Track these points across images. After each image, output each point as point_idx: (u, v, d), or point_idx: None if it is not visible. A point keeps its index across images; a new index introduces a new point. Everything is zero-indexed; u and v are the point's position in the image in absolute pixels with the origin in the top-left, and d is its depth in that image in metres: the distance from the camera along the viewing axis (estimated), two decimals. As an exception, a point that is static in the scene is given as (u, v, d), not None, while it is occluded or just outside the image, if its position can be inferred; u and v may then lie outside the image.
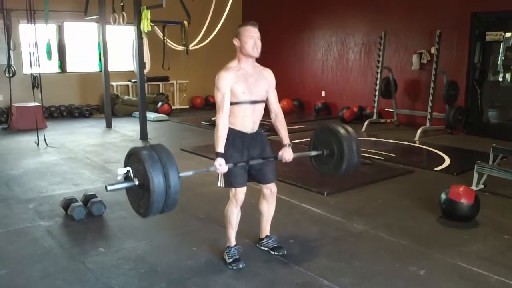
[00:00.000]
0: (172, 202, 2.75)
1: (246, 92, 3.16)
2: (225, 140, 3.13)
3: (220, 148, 3.10)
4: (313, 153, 3.58)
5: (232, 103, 3.15)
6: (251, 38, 3.14)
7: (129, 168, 2.82)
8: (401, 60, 9.54)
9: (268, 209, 3.51)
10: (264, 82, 3.31)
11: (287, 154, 3.34)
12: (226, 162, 3.09)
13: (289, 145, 3.36)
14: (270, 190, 3.45)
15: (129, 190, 2.91)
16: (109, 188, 2.79)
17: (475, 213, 4.17)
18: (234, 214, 3.32)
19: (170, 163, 2.76)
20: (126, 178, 2.85)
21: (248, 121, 3.22)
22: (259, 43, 3.17)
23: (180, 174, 2.81)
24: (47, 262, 3.42)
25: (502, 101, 8.52)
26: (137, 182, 2.80)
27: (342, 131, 3.45)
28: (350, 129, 3.53)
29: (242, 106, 3.17)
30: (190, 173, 3.05)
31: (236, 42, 3.19)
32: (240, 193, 3.27)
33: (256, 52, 3.18)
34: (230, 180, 3.22)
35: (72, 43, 10.93)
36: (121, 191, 2.90)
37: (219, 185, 3.27)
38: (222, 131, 3.11)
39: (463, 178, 5.50)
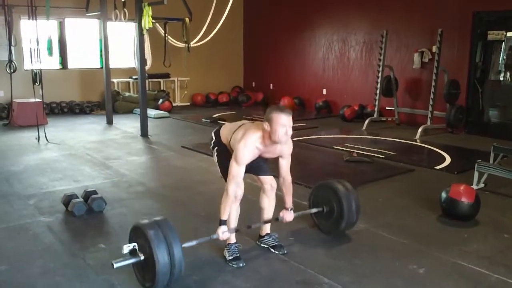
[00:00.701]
0: (177, 275, 2.85)
1: (256, 158, 3.18)
2: (231, 209, 3.16)
3: (225, 216, 3.12)
4: (313, 210, 3.80)
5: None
6: (283, 127, 3.01)
7: (135, 244, 2.91)
8: (402, 59, 9.53)
9: (269, 204, 3.52)
10: (279, 152, 3.27)
11: (287, 216, 3.46)
12: None
13: (291, 209, 3.46)
14: (270, 185, 3.46)
15: (135, 265, 3.00)
16: (115, 265, 2.87)
17: (475, 212, 4.17)
18: (232, 209, 3.29)
19: (174, 238, 2.84)
20: (132, 252, 2.93)
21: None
22: (290, 132, 3.06)
23: (184, 245, 2.92)
24: (47, 258, 3.42)
25: (503, 100, 8.51)
26: (142, 257, 2.88)
27: (341, 188, 3.66)
28: (349, 186, 3.74)
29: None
30: (193, 243, 3.12)
31: (266, 125, 3.04)
32: (237, 189, 3.26)
33: (285, 141, 3.12)
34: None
35: (73, 40, 10.92)
36: (123, 184, 2.90)
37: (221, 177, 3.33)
38: (231, 201, 3.12)
39: (463, 177, 5.49)
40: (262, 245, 3.60)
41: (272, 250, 3.53)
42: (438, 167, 6.04)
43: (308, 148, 7.17)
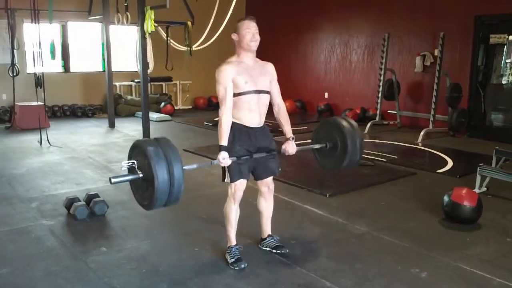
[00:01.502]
0: (176, 196, 2.76)
1: (249, 82, 3.16)
2: (228, 133, 3.13)
3: (224, 141, 3.10)
4: (316, 146, 3.61)
5: (235, 95, 3.15)
6: (249, 32, 3.16)
7: (134, 161, 2.83)
8: (404, 62, 9.53)
9: (266, 207, 3.52)
10: (267, 75, 3.32)
11: (290, 148, 3.36)
12: (231, 156, 3.09)
13: (292, 138, 3.38)
14: (268, 187, 3.45)
15: (133, 183, 2.92)
16: (113, 180, 2.81)
17: (477, 215, 4.16)
18: (232, 211, 3.32)
19: (175, 157, 2.76)
20: (130, 170, 2.85)
21: (254, 113, 3.21)
22: (257, 37, 3.19)
23: (184, 168, 2.82)
24: (49, 261, 3.42)
25: (505, 104, 8.50)
26: (141, 175, 2.80)
27: (345, 124, 3.48)
28: (353, 122, 3.57)
29: (247, 97, 3.16)
30: (194, 166, 3.07)
31: (234, 36, 3.22)
32: (239, 190, 3.27)
33: (255, 45, 3.20)
34: (233, 173, 3.21)
35: (76, 43, 10.95)
36: (125, 187, 2.90)
37: (226, 180, 3.27)
38: (226, 124, 3.12)
39: (465, 180, 5.48)
40: (264, 247, 3.59)
41: (274, 251, 3.52)
42: (440, 171, 6.03)
43: (310, 151, 7.16)
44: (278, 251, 3.51)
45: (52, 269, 3.30)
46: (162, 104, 11.00)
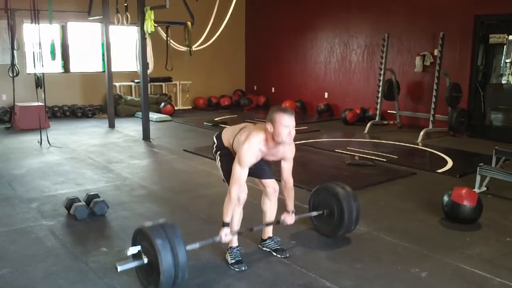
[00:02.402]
0: (180, 279, 2.84)
1: (258, 160, 3.18)
2: (233, 211, 3.17)
3: (228, 218, 3.13)
4: (314, 213, 3.82)
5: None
6: (287, 128, 3.02)
7: (139, 248, 2.90)
8: (404, 62, 9.54)
9: (270, 207, 3.52)
10: (282, 155, 3.27)
11: (289, 219, 3.46)
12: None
13: (293, 211, 3.46)
14: (273, 188, 3.47)
15: (138, 268, 2.99)
16: (119, 268, 2.85)
17: (477, 215, 4.16)
18: (235, 212, 3.30)
19: (178, 240, 2.84)
20: (135, 256, 2.93)
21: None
22: (293, 133, 3.07)
23: (187, 248, 2.90)
24: (50, 261, 3.43)
25: (505, 103, 8.51)
26: (146, 261, 2.87)
27: (340, 190, 3.68)
28: (347, 188, 3.75)
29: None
30: (196, 245, 3.13)
31: (269, 126, 3.05)
32: (243, 192, 3.27)
33: (289, 141, 3.12)
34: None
35: (76, 43, 10.96)
36: (125, 187, 2.90)
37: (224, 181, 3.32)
38: (234, 203, 3.13)
39: (465, 180, 5.49)
40: (264, 248, 3.60)
41: (274, 254, 3.53)
42: (440, 171, 6.03)
43: (310, 151, 7.17)
44: (278, 255, 3.51)
45: (52, 269, 3.30)
46: (162, 104, 11.00)
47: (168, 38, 10.46)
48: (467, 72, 8.56)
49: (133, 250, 2.90)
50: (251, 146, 3.07)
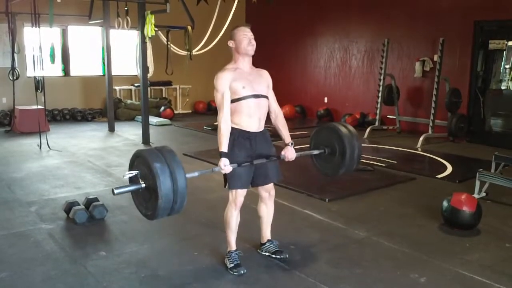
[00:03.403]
0: (179, 204, 2.74)
1: (246, 86, 3.19)
2: (228, 139, 3.13)
3: (224, 147, 3.10)
4: (315, 152, 3.62)
5: (234, 100, 3.16)
6: (245, 37, 3.27)
7: (137, 171, 2.81)
8: (403, 68, 9.56)
9: (267, 212, 3.52)
10: (263, 80, 3.36)
11: (289, 153, 3.35)
12: (231, 163, 3.09)
13: (291, 144, 3.38)
14: (269, 193, 3.45)
15: (135, 193, 2.89)
16: (116, 191, 2.77)
17: (477, 221, 4.16)
18: (233, 217, 3.32)
19: (177, 166, 2.74)
20: (132, 180, 2.83)
21: (253, 118, 3.21)
22: (254, 42, 3.30)
23: (186, 175, 2.79)
24: (49, 265, 3.42)
25: (505, 109, 8.52)
26: (143, 185, 2.78)
27: (343, 129, 3.50)
28: (352, 129, 3.58)
29: (245, 101, 3.17)
30: (195, 174, 3.04)
31: (231, 43, 3.30)
32: (240, 195, 3.27)
33: (252, 50, 3.30)
34: (234, 181, 3.21)
35: (76, 47, 10.97)
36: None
37: (226, 187, 3.27)
38: (225, 130, 3.12)
39: (465, 186, 5.49)
40: (263, 252, 3.59)
41: (273, 256, 3.52)
42: (439, 176, 6.03)
43: (309, 156, 7.16)
44: (277, 256, 3.51)
45: (51, 273, 3.29)
46: (162, 108, 11.01)
47: (169, 42, 10.47)
48: (467, 78, 8.57)
49: (131, 174, 2.81)
50: (223, 69, 3.27)
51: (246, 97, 3.17)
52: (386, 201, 5.04)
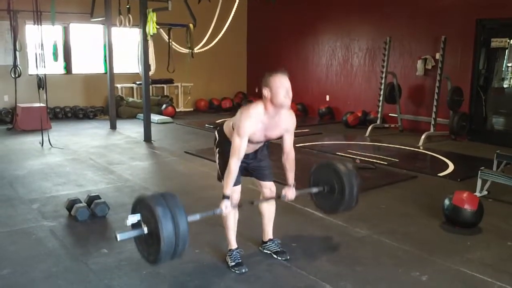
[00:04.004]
0: (181, 248, 2.78)
1: (260, 136, 3.15)
2: (233, 183, 3.12)
3: (228, 190, 3.08)
4: (314, 189, 3.68)
5: None
6: (284, 88, 3.01)
7: (139, 216, 2.84)
8: (405, 66, 9.54)
9: (268, 209, 3.52)
10: (283, 127, 3.24)
11: (290, 193, 3.37)
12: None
13: (293, 185, 3.40)
14: (270, 189, 3.46)
15: (137, 238, 2.92)
16: (119, 237, 2.78)
17: (478, 219, 4.16)
18: (230, 214, 3.31)
19: (179, 211, 2.78)
20: (135, 225, 2.87)
21: (251, 150, 3.27)
22: (291, 93, 3.04)
23: (188, 218, 2.84)
24: (50, 262, 3.43)
25: (507, 107, 8.50)
26: (146, 230, 2.81)
27: (341, 167, 3.57)
28: (349, 165, 3.65)
29: (249, 143, 3.14)
30: (197, 217, 3.06)
31: (265, 91, 3.05)
32: (234, 192, 3.25)
33: (288, 103, 3.07)
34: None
35: (78, 45, 10.98)
36: (126, 189, 2.90)
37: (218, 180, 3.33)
38: (234, 175, 3.08)
39: (466, 184, 5.48)
40: (265, 251, 3.59)
41: (275, 256, 3.52)
42: (441, 174, 6.03)
43: (311, 154, 7.17)
44: (278, 257, 3.51)
45: (52, 270, 3.30)
46: (164, 106, 11.02)
47: (170, 40, 10.47)
48: (469, 76, 8.55)
49: (133, 219, 2.83)
50: (251, 114, 3.07)
51: (253, 141, 3.17)
52: (387, 199, 5.04)
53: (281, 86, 3.00)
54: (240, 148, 3.04)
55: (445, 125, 8.46)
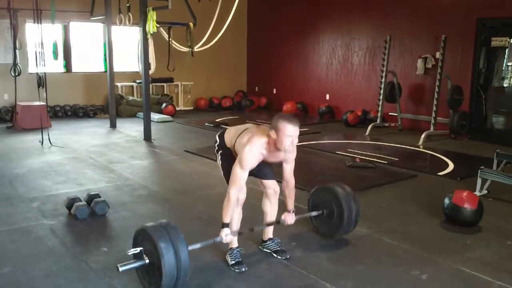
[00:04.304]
0: (182, 280, 2.83)
1: (259, 162, 3.18)
2: (233, 212, 3.16)
3: (227, 218, 3.11)
4: (314, 213, 3.80)
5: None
6: (290, 138, 3.02)
7: (141, 248, 2.89)
8: (405, 65, 9.54)
9: (271, 209, 3.53)
10: (283, 157, 3.27)
11: (289, 218, 3.45)
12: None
13: (293, 211, 3.45)
14: (274, 189, 3.47)
15: (139, 267, 2.97)
16: (121, 268, 2.84)
17: (478, 218, 4.16)
18: (235, 214, 3.31)
19: (181, 244, 2.83)
20: (136, 256, 2.91)
21: None
22: (296, 141, 3.07)
23: (189, 248, 2.90)
24: (50, 261, 3.43)
25: (507, 107, 8.51)
26: (147, 261, 2.87)
27: (340, 190, 3.67)
28: (348, 188, 3.73)
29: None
30: (197, 246, 3.11)
31: (272, 134, 3.05)
32: (240, 193, 3.26)
33: (291, 150, 3.15)
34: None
35: (78, 43, 10.97)
36: (125, 187, 2.90)
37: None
38: (233, 204, 3.12)
39: (466, 183, 5.48)
40: (265, 250, 3.60)
41: (275, 255, 3.52)
42: (441, 173, 6.03)
43: (311, 153, 7.18)
44: (278, 256, 3.51)
45: (52, 269, 3.30)
46: (164, 105, 11.02)
47: (170, 39, 10.46)
48: (469, 75, 8.55)
49: (135, 251, 2.90)
50: (253, 149, 3.08)
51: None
52: (387, 198, 5.04)
53: (288, 135, 3.01)
54: (241, 180, 3.09)
55: (445, 124, 8.46)
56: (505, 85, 8.55)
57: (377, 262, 3.50)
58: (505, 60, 8.35)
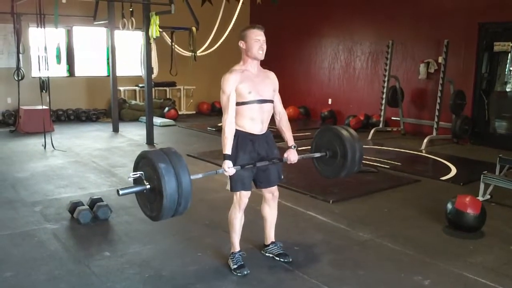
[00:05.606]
0: (184, 205, 2.75)
1: (252, 91, 3.17)
2: (231, 141, 3.13)
3: (228, 150, 3.11)
4: (317, 154, 3.64)
5: (238, 104, 3.16)
6: (257, 41, 3.16)
7: (141, 172, 2.82)
8: (408, 69, 9.54)
9: (270, 213, 3.52)
10: (270, 83, 3.33)
11: (292, 156, 3.38)
12: (235, 165, 3.10)
13: (294, 147, 3.40)
14: (272, 194, 3.46)
15: (139, 194, 2.90)
16: (121, 192, 2.78)
17: (481, 223, 4.15)
18: (237, 219, 3.33)
19: (182, 167, 2.74)
20: (137, 181, 2.84)
21: (256, 121, 3.22)
22: (264, 46, 3.20)
23: (191, 177, 2.80)
24: (53, 265, 3.43)
25: (509, 111, 8.49)
26: (148, 186, 2.79)
27: (344, 132, 3.51)
28: (352, 130, 3.59)
29: (250, 106, 3.17)
30: (199, 175, 3.03)
31: (241, 44, 3.22)
32: (244, 197, 3.28)
33: (262, 55, 3.21)
34: (236, 183, 3.23)
35: (81, 48, 11.01)
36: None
37: (227, 188, 3.27)
38: (229, 132, 3.13)
39: (469, 188, 5.47)
40: (267, 254, 3.59)
41: (277, 259, 3.52)
42: (443, 178, 6.02)
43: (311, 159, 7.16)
44: (281, 259, 3.51)
45: (55, 273, 3.31)
46: (166, 109, 11.04)
47: (173, 43, 10.49)
48: (471, 80, 8.55)
49: (135, 175, 2.83)
50: (230, 70, 3.21)
51: (251, 102, 3.18)
52: (389, 203, 5.03)
53: (255, 39, 3.16)
54: (227, 104, 3.14)
55: (448, 128, 8.45)
56: (507, 89, 8.54)
57: (379, 267, 3.50)
58: (507, 65, 8.34)
